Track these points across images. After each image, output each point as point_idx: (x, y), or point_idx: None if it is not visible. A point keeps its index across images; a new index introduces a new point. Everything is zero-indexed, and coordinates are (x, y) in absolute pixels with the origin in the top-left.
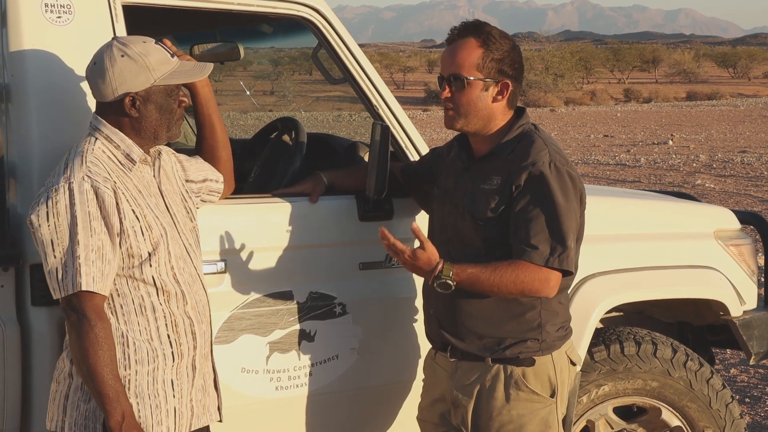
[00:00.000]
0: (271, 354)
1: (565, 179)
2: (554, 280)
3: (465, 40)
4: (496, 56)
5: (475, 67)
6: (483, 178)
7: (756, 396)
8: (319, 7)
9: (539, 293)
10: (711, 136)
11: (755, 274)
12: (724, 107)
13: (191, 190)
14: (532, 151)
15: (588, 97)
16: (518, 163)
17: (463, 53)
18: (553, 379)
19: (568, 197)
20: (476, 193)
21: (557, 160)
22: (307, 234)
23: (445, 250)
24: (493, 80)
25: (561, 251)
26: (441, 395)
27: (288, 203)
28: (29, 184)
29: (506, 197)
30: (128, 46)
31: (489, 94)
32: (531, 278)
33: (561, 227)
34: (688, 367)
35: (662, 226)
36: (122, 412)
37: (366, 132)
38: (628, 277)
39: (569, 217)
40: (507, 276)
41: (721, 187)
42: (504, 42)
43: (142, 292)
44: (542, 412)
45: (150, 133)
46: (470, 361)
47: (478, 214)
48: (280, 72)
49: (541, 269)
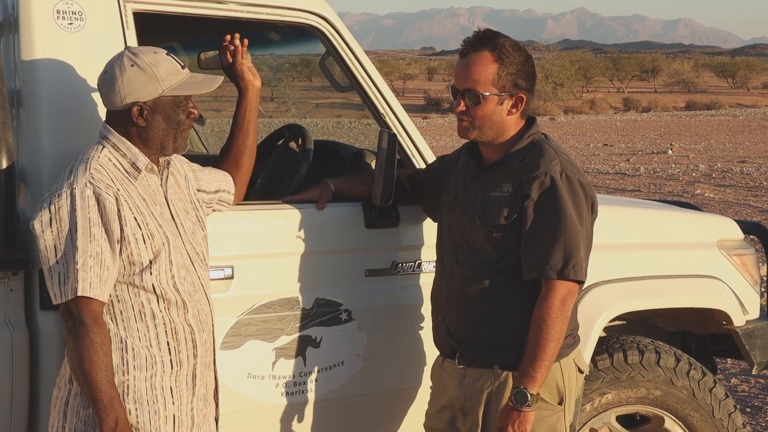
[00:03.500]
0: (277, 360)
1: (577, 188)
2: (573, 291)
3: (480, 53)
4: (511, 70)
5: (491, 83)
6: (493, 186)
7: (757, 406)
8: (327, 15)
9: (571, 305)
10: (710, 145)
11: (758, 284)
12: (723, 117)
13: (203, 200)
14: (544, 161)
15: (587, 106)
16: (530, 172)
17: (477, 68)
18: (562, 387)
19: (579, 207)
20: (487, 201)
21: (568, 169)
22: (313, 241)
23: (454, 256)
24: (508, 94)
25: (574, 262)
26: (449, 402)
27: (295, 210)
28: (39, 190)
29: (518, 205)
30: (138, 56)
31: (504, 107)
32: (557, 300)
33: (573, 238)
34: (691, 376)
35: (666, 236)
36: (115, 418)
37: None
38: (631, 286)
39: (580, 227)
40: (545, 323)
41: (720, 197)
42: (518, 54)
43: (142, 299)
44: (550, 420)
45: (157, 143)
46: (478, 368)
47: (491, 222)
48: (280, 78)
49: (561, 284)
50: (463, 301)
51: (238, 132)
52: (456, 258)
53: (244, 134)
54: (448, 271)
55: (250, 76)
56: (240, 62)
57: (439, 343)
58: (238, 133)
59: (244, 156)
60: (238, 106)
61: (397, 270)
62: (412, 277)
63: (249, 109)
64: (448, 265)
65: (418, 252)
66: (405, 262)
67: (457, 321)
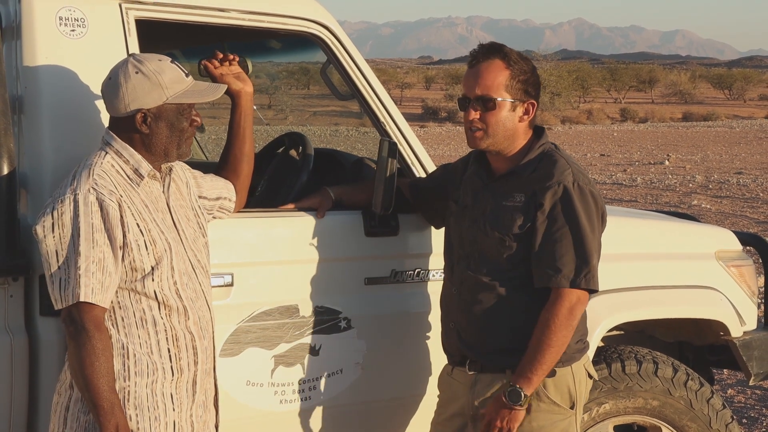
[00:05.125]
0: (276, 367)
1: (588, 199)
2: (584, 299)
3: (491, 61)
4: (521, 77)
5: (504, 88)
6: (505, 196)
7: (753, 417)
8: (328, 23)
9: (580, 314)
10: (707, 157)
11: (755, 295)
12: (720, 128)
13: (204, 206)
14: (556, 171)
15: (584, 116)
16: (543, 182)
17: (490, 75)
18: (573, 391)
19: (591, 217)
20: (499, 210)
21: (580, 179)
22: (313, 248)
23: (465, 264)
24: (519, 100)
25: (586, 271)
26: (459, 410)
27: (295, 218)
28: (40, 195)
29: (531, 215)
30: (143, 63)
31: (516, 114)
32: (565, 308)
33: (585, 247)
34: (688, 386)
35: (664, 246)
36: (116, 424)
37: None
38: (630, 297)
39: (592, 237)
40: (549, 329)
41: (717, 208)
42: (525, 63)
43: (143, 305)
44: (562, 424)
45: (160, 150)
46: (490, 374)
47: (504, 231)
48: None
49: (571, 292)
50: (475, 307)
51: (234, 140)
52: (468, 266)
53: (240, 142)
54: (458, 278)
55: (239, 84)
56: (224, 72)
57: (449, 350)
58: (235, 140)
59: (242, 164)
60: (232, 114)
61: (396, 278)
62: (412, 285)
63: (243, 117)
64: (458, 273)
65: (418, 261)
66: (405, 270)
67: (468, 327)
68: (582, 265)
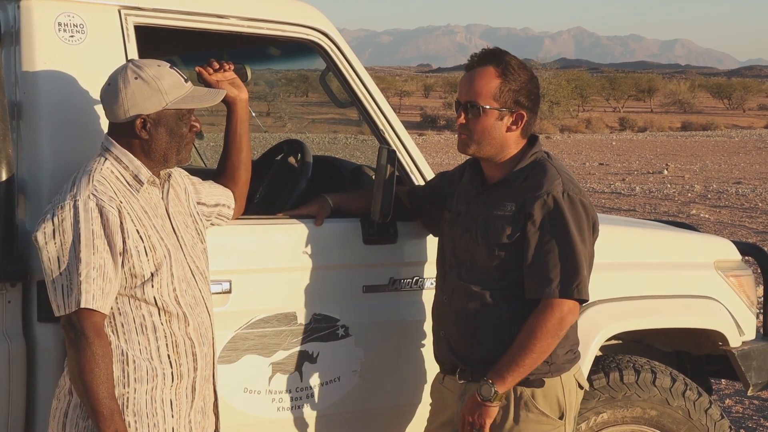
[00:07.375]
0: (274, 375)
1: (578, 208)
2: (575, 309)
3: (484, 68)
4: (513, 87)
5: (492, 97)
6: (496, 204)
7: (751, 427)
8: (327, 30)
9: (569, 324)
10: (706, 166)
11: (754, 305)
12: (719, 138)
13: (202, 212)
14: (546, 180)
15: (583, 125)
16: (532, 192)
17: (481, 81)
18: (562, 402)
19: (582, 227)
20: (490, 219)
21: (570, 189)
22: (311, 256)
23: (457, 273)
24: (508, 110)
25: (578, 282)
26: (449, 418)
27: (293, 225)
28: (39, 201)
29: (520, 225)
30: (142, 69)
31: (503, 123)
32: (555, 317)
33: (576, 258)
34: (686, 396)
35: (663, 256)
36: (115, 430)
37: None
38: (628, 306)
39: (583, 247)
40: (534, 335)
41: (716, 218)
42: (522, 73)
43: (143, 311)
44: None
45: (159, 156)
46: (479, 383)
47: (493, 240)
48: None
49: (562, 302)
50: (465, 316)
51: (231, 147)
52: (459, 274)
53: (237, 149)
54: (450, 287)
55: (234, 91)
56: (219, 78)
57: (440, 359)
58: (232, 148)
59: (239, 171)
60: (228, 121)
61: (395, 286)
62: (410, 293)
63: (239, 123)
64: (450, 281)
65: (417, 269)
66: (403, 278)
67: (458, 336)
68: (573, 276)
